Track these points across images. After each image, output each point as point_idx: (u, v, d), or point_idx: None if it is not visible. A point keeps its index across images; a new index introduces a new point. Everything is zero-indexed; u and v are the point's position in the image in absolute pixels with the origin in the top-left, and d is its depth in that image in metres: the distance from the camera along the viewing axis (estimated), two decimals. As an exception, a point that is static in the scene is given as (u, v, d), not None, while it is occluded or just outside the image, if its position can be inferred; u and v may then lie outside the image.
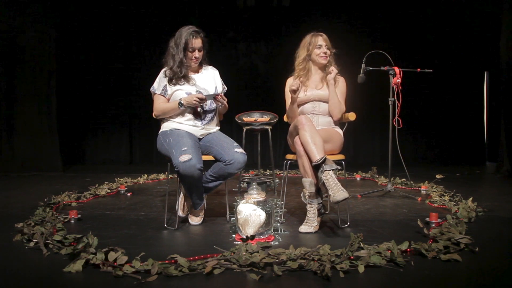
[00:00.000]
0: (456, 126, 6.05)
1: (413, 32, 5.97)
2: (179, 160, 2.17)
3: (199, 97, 2.35)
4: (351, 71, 3.07)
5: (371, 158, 6.25)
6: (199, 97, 2.35)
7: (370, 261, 1.65)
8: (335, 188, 2.02)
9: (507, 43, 4.78)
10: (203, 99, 2.37)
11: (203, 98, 2.36)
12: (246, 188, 2.47)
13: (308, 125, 2.22)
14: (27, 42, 5.22)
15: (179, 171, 2.20)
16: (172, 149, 2.27)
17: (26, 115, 5.27)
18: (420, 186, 3.66)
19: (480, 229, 2.26)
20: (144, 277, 1.55)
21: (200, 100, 2.36)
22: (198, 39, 2.44)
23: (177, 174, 2.27)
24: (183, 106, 2.39)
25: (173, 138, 2.35)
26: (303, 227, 2.24)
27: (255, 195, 2.17)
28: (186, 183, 2.31)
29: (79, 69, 6.29)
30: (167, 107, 2.46)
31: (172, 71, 2.46)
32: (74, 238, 1.90)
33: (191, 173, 2.19)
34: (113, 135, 6.53)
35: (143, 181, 4.43)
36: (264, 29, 6.27)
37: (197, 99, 2.35)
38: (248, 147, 4.20)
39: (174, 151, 2.25)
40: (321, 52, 2.55)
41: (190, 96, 2.38)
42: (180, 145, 2.26)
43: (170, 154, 2.27)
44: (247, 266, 1.63)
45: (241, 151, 2.36)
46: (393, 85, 3.25)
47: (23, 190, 3.95)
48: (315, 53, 2.57)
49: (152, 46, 6.23)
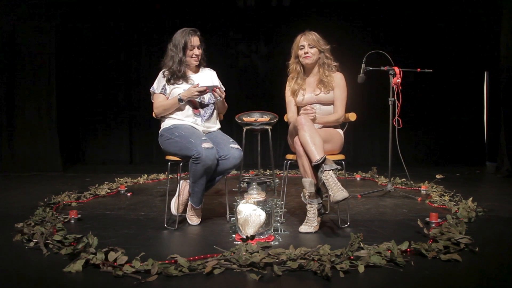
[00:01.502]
0: (456, 126, 6.04)
1: (413, 32, 5.96)
2: (202, 147, 2.18)
3: (198, 90, 2.36)
4: (351, 71, 3.07)
5: (371, 158, 6.24)
6: (199, 90, 2.36)
7: (370, 261, 1.65)
8: (335, 187, 2.02)
9: (507, 43, 4.78)
10: (203, 90, 2.37)
11: (202, 89, 2.37)
12: (246, 188, 2.47)
13: (308, 125, 2.22)
14: (27, 42, 5.22)
15: (200, 157, 2.18)
16: (189, 139, 2.27)
17: (26, 115, 5.27)
18: (420, 186, 3.66)
19: (480, 229, 2.26)
20: (144, 277, 1.55)
21: (200, 92, 2.37)
22: (195, 37, 2.50)
23: (193, 163, 2.23)
24: (183, 101, 2.41)
25: (184, 131, 2.35)
26: (303, 227, 2.24)
27: (255, 195, 2.17)
28: (200, 172, 2.27)
29: (79, 68, 6.29)
30: (167, 103, 2.48)
31: (171, 71, 2.48)
32: (74, 238, 1.90)
33: (211, 161, 2.22)
34: (113, 135, 6.53)
35: (143, 181, 4.43)
36: (264, 29, 6.27)
37: (197, 92, 2.36)
38: (248, 147, 4.20)
39: (192, 140, 2.25)
40: (302, 52, 2.52)
41: (189, 89, 2.39)
42: (198, 135, 2.30)
43: (187, 144, 2.25)
44: (247, 266, 1.63)
45: (236, 147, 2.38)
46: (393, 85, 3.25)
47: (23, 190, 3.95)
48: (299, 55, 2.54)
49: (152, 46, 6.22)
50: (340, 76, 2.57)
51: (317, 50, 2.51)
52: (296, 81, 2.59)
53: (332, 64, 2.55)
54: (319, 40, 2.51)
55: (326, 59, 2.54)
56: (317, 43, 2.50)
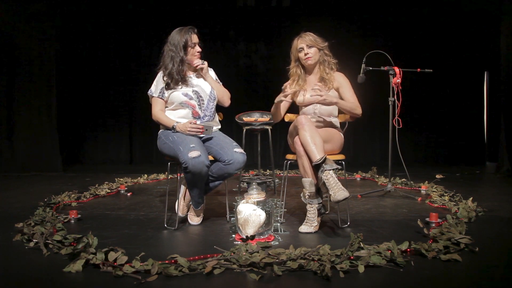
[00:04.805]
0: (456, 126, 6.04)
1: (413, 32, 5.97)
2: (188, 156, 2.16)
3: (194, 129, 2.33)
4: (351, 71, 3.06)
5: (371, 158, 6.25)
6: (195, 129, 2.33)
7: (370, 261, 1.65)
8: (336, 187, 2.02)
9: (507, 43, 4.78)
10: (199, 129, 2.34)
11: (198, 129, 2.33)
12: (246, 188, 2.47)
13: (308, 125, 2.22)
14: (27, 42, 5.23)
15: (187, 167, 2.17)
16: (179, 146, 2.26)
17: (26, 115, 5.27)
18: (420, 186, 3.66)
19: (480, 229, 2.26)
20: (144, 277, 1.55)
21: (195, 130, 2.34)
22: (194, 34, 2.49)
23: (183, 171, 2.25)
24: (176, 131, 2.38)
25: (178, 136, 2.34)
26: (303, 227, 2.24)
27: (255, 195, 2.16)
28: (192, 180, 2.28)
29: (79, 69, 6.29)
30: (163, 120, 2.45)
31: (170, 74, 2.45)
32: (74, 238, 1.90)
33: (199, 169, 2.19)
34: (113, 135, 6.53)
35: (143, 181, 4.43)
36: (264, 29, 6.27)
37: (192, 130, 2.33)
38: (248, 147, 4.20)
39: (181, 148, 2.23)
40: (303, 55, 2.51)
41: (185, 124, 2.36)
42: (187, 142, 2.26)
43: (177, 151, 2.25)
44: (247, 266, 1.63)
45: (240, 151, 2.35)
46: (393, 85, 3.25)
47: (23, 190, 3.95)
48: (300, 57, 2.54)
49: (152, 46, 6.22)
50: (341, 75, 2.57)
51: (316, 49, 2.51)
52: (297, 82, 2.59)
53: (331, 61, 2.55)
54: (316, 39, 2.51)
55: (326, 56, 2.54)
56: (314, 42, 2.50)
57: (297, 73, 2.59)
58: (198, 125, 2.35)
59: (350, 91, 2.54)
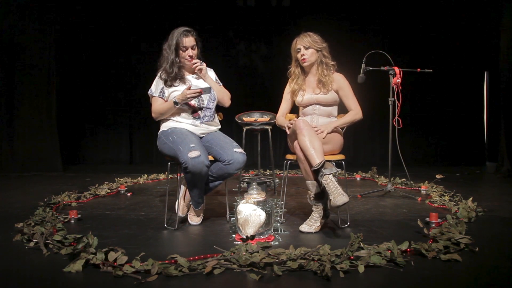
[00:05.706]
0: (456, 126, 6.04)
1: (413, 32, 5.96)
2: (188, 157, 2.16)
3: (192, 93, 2.34)
4: (351, 71, 3.06)
5: (371, 158, 6.24)
6: (193, 93, 2.34)
7: (370, 261, 1.65)
8: (335, 192, 2.02)
9: (507, 43, 4.78)
10: (197, 93, 2.36)
11: (196, 92, 2.35)
12: (246, 188, 2.47)
13: (306, 129, 2.21)
14: (27, 42, 5.22)
15: (187, 167, 2.17)
16: (178, 146, 2.26)
17: (26, 115, 5.27)
18: (420, 186, 3.66)
19: (480, 229, 2.26)
20: (144, 277, 1.55)
21: (194, 94, 2.35)
22: (189, 37, 2.45)
23: (183, 172, 2.25)
24: (178, 104, 2.39)
25: (177, 136, 2.34)
26: (304, 226, 2.24)
27: (255, 195, 2.16)
28: (192, 180, 2.28)
29: (79, 69, 6.29)
30: (163, 108, 2.46)
31: (166, 73, 2.47)
32: (74, 238, 1.89)
33: (199, 169, 2.19)
34: (113, 135, 6.53)
35: (143, 181, 4.43)
36: (264, 29, 6.27)
37: (191, 94, 2.34)
38: (248, 147, 4.20)
39: (181, 148, 2.23)
40: (300, 56, 2.51)
41: (183, 92, 2.37)
42: (187, 142, 2.26)
43: (177, 151, 2.25)
44: (247, 266, 1.63)
45: (240, 151, 2.36)
46: (393, 85, 3.25)
47: (23, 190, 3.95)
48: (298, 58, 2.54)
49: (152, 46, 6.20)
50: (340, 76, 2.55)
51: (314, 50, 2.49)
52: (296, 82, 2.59)
53: (330, 63, 2.53)
54: (315, 40, 2.49)
55: (324, 57, 2.52)
56: (312, 44, 2.48)
57: (296, 73, 2.59)
58: (195, 89, 2.36)
59: (350, 95, 2.53)
